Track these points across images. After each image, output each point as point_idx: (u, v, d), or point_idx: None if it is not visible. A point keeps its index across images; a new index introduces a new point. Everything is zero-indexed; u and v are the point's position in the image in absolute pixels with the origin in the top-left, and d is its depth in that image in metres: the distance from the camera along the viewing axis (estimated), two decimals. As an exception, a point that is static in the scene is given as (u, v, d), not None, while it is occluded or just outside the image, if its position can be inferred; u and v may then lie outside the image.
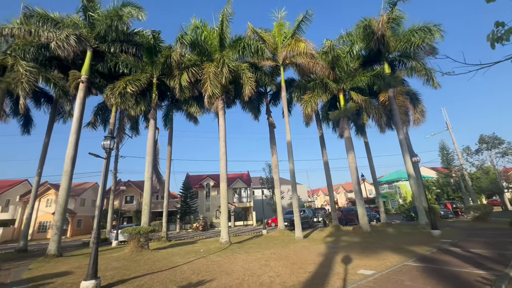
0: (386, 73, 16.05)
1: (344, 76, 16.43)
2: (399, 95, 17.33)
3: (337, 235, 14.37)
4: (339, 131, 17.58)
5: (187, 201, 32.02)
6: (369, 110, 15.94)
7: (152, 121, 14.44)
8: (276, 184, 18.06)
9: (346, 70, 16.41)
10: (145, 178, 13.41)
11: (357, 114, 17.20)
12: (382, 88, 16.67)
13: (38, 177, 16.28)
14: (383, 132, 17.96)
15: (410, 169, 15.74)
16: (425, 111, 19.66)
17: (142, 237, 11.86)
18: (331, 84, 15.87)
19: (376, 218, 21.35)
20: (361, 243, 11.46)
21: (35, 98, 18.14)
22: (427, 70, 17.17)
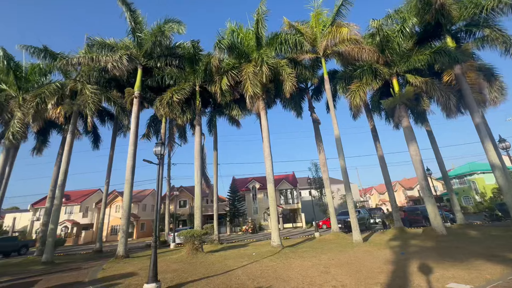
0: (450, 48, 13.64)
1: (396, 59, 14.53)
2: (469, 72, 14.56)
3: (403, 239, 12.60)
4: (394, 121, 15.60)
5: (235, 204, 32.65)
6: (432, 93, 13.70)
7: (197, 127, 14.95)
8: (326, 184, 16.91)
9: (399, 51, 14.46)
10: (195, 183, 13.87)
11: (415, 99, 14.98)
12: (447, 65, 14.23)
13: (107, 186, 18.38)
14: (452, 117, 15.25)
15: (494, 158, 12.94)
16: (504, 87, 16.15)
17: (196, 240, 12.19)
18: (381, 69, 14.18)
19: (450, 219, 18.27)
20: (437, 248, 9.71)
21: (100, 117, 20.66)
22: (506, 37, 14.06)
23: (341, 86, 16.62)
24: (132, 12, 15.28)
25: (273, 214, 13.04)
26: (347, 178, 13.33)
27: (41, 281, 8.60)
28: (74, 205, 36.78)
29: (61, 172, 14.33)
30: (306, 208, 38.13)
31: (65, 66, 14.62)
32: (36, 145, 20.43)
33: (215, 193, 17.62)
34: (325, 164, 17.33)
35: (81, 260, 13.76)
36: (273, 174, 13.55)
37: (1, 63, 14.90)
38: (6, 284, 8.50)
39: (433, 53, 13.25)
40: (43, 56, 15.83)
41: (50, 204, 15.95)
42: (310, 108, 19.01)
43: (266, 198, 36.38)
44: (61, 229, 33.90)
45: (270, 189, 13.28)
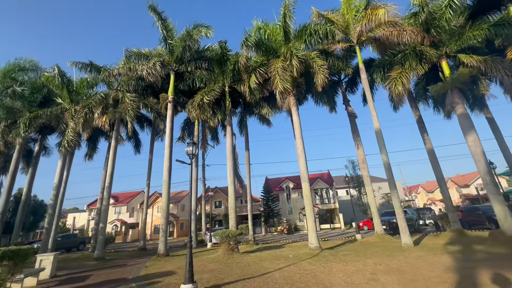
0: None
1: (445, 38, 12.77)
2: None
3: (463, 243, 10.93)
4: (446, 109, 13.71)
5: (269, 204, 32.33)
6: (493, 73, 11.68)
7: (228, 128, 14.98)
8: (366, 181, 15.64)
9: (447, 29, 12.71)
10: (228, 183, 13.88)
11: (471, 82, 12.95)
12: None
13: (147, 188, 19.51)
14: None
15: None
16: None
17: (231, 240, 12.12)
18: (428, 51, 12.55)
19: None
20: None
21: (139, 123, 22.10)
22: None
23: (379, 75, 15.21)
24: (163, 20, 15.96)
25: (310, 214, 12.38)
26: (391, 175, 12.06)
27: (92, 276, 9.27)
28: (122, 205, 40.14)
29: (108, 175, 15.54)
30: (344, 208, 36.15)
31: (107, 77, 15.86)
32: (88, 151, 22.64)
33: (249, 193, 17.51)
34: (365, 160, 16.04)
35: (127, 257, 14.71)
36: (308, 172, 12.88)
37: (56, 80, 16.71)
38: (65, 277, 9.34)
39: (493, 26, 11.33)
40: (89, 70, 17.40)
41: (100, 205, 17.43)
42: (345, 101, 17.84)
43: (301, 198, 35.41)
44: (112, 227, 37.23)
45: (305, 188, 12.65)
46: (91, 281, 8.35)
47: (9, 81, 18.69)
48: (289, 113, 18.41)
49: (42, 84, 19.07)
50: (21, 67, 19.42)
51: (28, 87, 18.81)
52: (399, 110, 18.35)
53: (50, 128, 19.93)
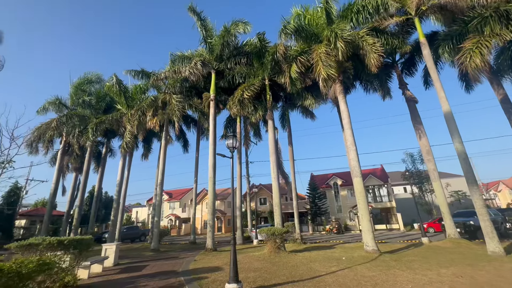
0: None
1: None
2: None
3: None
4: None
5: (316, 202, 30.84)
6: None
7: (270, 122, 14.48)
8: (433, 176, 13.37)
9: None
10: (272, 178, 13.39)
11: None
12: None
13: (195, 184, 20.38)
14: None
15: None
16: None
17: (277, 238, 11.62)
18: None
19: None
20: None
21: (186, 123, 23.28)
22: None
23: (445, 49, 12.74)
24: (202, 20, 16.29)
25: (364, 213, 11.05)
26: (470, 166, 9.90)
27: (147, 266, 9.84)
28: (175, 201, 43.41)
29: (159, 173, 16.65)
30: (403, 207, 32.33)
31: (156, 81, 16.94)
32: (143, 152, 24.87)
33: (294, 189, 16.75)
34: (430, 151, 13.72)
35: (179, 250, 15.51)
36: (360, 166, 11.53)
37: (115, 88, 18.62)
38: (125, 266, 10.14)
39: None
40: (141, 76, 18.96)
41: (155, 200, 18.84)
42: (401, 85, 15.61)
43: (351, 196, 32.95)
44: (167, 221, 40.56)
45: (357, 184, 11.34)
46: (146, 271, 8.82)
47: (80, 93, 21.66)
48: (334, 103, 17.01)
49: (105, 93, 21.57)
50: (88, 80, 22.33)
51: (94, 97, 21.48)
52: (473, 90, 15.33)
53: (113, 132, 22.47)
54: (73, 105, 21.82)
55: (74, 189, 23.45)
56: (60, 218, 27.90)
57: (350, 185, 33.29)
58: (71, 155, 24.30)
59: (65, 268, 5.44)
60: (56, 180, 20.82)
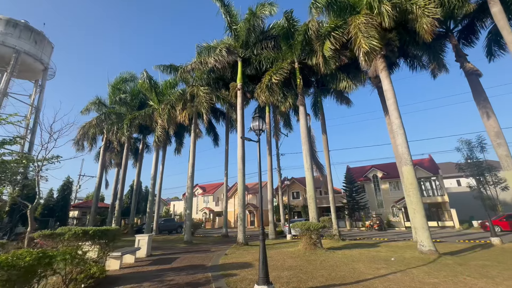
0: None
1: None
2: None
3: None
4: None
5: (353, 196, 28.72)
6: None
7: (301, 108, 13.30)
8: (505, 163, 10.93)
9: None
10: (305, 169, 12.29)
11: None
12: None
13: (226, 177, 20.14)
14: None
15: None
16: None
17: (313, 234, 10.60)
18: None
19: None
20: None
21: (214, 116, 23.11)
22: None
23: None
24: (226, 6, 15.61)
25: (418, 207, 9.41)
26: None
27: (178, 259, 9.63)
28: (209, 195, 44.48)
29: (190, 166, 16.64)
30: (456, 202, 28.43)
31: (183, 74, 16.82)
32: (176, 146, 25.46)
33: (329, 182, 15.38)
34: (500, 133, 11.26)
35: (211, 243, 15.36)
36: (410, 153, 9.83)
37: (145, 84, 19.10)
38: (157, 257, 10.10)
39: None
40: (169, 71, 19.10)
41: (187, 193, 19.04)
42: (459, 57, 13.10)
43: (393, 189, 30.06)
44: (202, 214, 41.77)
45: (407, 173, 9.69)
46: (176, 264, 8.55)
47: (117, 92, 22.79)
48: (374, 84, 15.15)
49: (138, 90, 22.38)
50: (123, 79, 23.37)
51: (129, 94, 22.41)
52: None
53: (148, 129, 23.32)
54: (111, 104, 23.10)
55: (117, 183, 25.04)
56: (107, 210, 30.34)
57: (392, 177, 30.34)
58: (112, 151, 25.95)
59: (88, 259, 5.21)
60: (99, 174, 22.36)
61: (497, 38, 13.93)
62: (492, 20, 13.58)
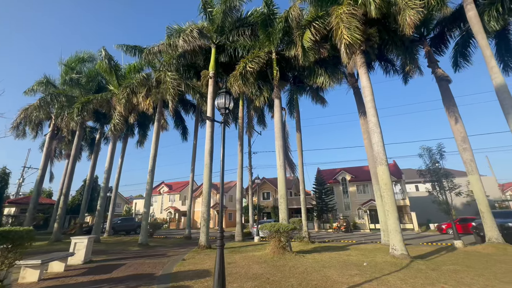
0: None
1: None
2: None
3: None
4: None
5: (323, 198, 28.84)
6: None
7: (276, 101, 12.43)
8: (469, 168, 11.21)
9: None
10: (277, 166, 11.41)
11: None
12: None
13: (192, 174, 18.57)
14: None
15: None
16: None
17: (282, 236, 9.71)
18: None
19: None
20: None
21: (184, 108, 21.41)
22: None
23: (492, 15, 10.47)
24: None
25: (391, 208, 9.03)
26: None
27: (122, 266, 8.02)
28: (175, 194, 41.91)
29: (151, 158, 14.84)
30: (415, 206, 30.15)
31: (148, 55, 15.00)
32: (139, 139, 23.13)
33: (302, 182, 14.75)
34: (466, 139, 11.56)
35: (170, 245, 13.76)
36: (385, 153, 9.46)
37: (104, 64, 16.78)
38: (97, 264, 8.37)
39: None
40: (134, 53, 17.03)
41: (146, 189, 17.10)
42: (431, 62, 13.39)
43: (360, 192, 30.84)
44: (167, 214, 39.13)
45: (382, 173, 9.30)
46: (117, 274, 6.99)
47: (71, 72, 19.86)
48: (350, 84, 14.92)
49: (96, 72, 19.73)
50: (80, 58, 20.48)
51: (85, 76, 19.67)
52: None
53: (106, 117, 20.71)
54: (63, 85, 20.09)
55: (66, 176, 21.90)
56: (53, 207, 26.57)
57: (360, 180, 31.17)
58: (61, 140, 22.73)
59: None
60: (43, 165, 19.23)
61: (463, 50, 14.54)
62: (460, 32, 14.19)
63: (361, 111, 14.26)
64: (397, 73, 16.42)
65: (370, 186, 30.65)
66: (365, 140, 13.73)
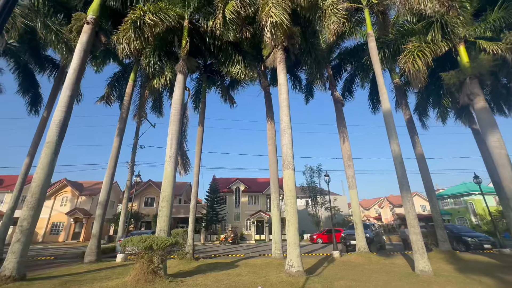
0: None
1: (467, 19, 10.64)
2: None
3: (486, 271, 8.18)
4: (461, 101, 11.36)
5: (214, 207, 27.03)
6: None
7: (180, 77, 9.68)
8: (350, 183, 12.34)
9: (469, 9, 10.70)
10: (166, 158, 8.50)
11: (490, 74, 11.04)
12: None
13: (28, 159, 12.26)
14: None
15: None
16: None
17: (155, 255, 6.81)
18: (456, 26, 10.10)
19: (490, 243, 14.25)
20: None
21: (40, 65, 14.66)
22: None
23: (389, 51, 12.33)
24: None
25: (293, 218, 8.08)
26: (405, 171, 8.79)
27: None
28: (6, 192, 28.78)
29: None
30: (294, 218, 33.49)
31: None
32: None
33: (195, 183, 12.18)
34: (350, 157, 12.81)
35: None
36: (293, 156, 8.66)
37: None
38: None
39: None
40: None
41: None
42: (332, 85, 14.68)
43: (251, 203, 31.25)
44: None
45: (287, 178, 8.33)
46: None
47: None
48: (263, 87, 14.26)
49: None
50: None
51: None
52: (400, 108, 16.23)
53: None
54: None
55: None
56: None
57: (253, 191, 31.72)
58: None
59: None
60: None
61: (349, 85, 17.00)
62: (352, 67, 16.59)
63: (269, 116, 13.71)
64: (301, 91, 17.47)
65: (260, 197, 31.68)
66: (270, 146, 13.09)
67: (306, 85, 17.36)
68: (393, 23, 12.92)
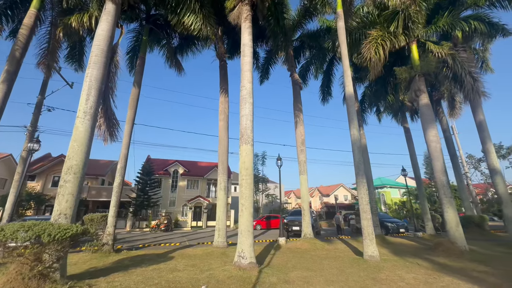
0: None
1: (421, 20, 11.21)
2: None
3: (413, 253, 8.80)
4: (409, 97, 12.08)
5: (146, 190, 23.74)
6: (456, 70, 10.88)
7: (110, 6, 6.94)
8: (302, 168, 11.93)
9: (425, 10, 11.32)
10: (79, 113, 5.89)
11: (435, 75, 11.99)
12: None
13: None
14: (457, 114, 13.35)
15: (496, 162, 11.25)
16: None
17: (48, 251, 4.56)
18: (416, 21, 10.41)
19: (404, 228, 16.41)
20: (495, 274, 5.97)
21: None
22: None
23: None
24: None
25: (248, 201, 6.84)
26: (361, 156, 8.62)
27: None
28: None
29: None
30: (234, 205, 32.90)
31: None
32: None
33: (123, 156, 9.55)
34: (304, 141, 12.38)
35: None
36: (253, 129, 7.35)
37: None
38: None
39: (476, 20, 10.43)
40: None
41: None
42: (292, 66, 13.94)
43: (190, 188, 29.02)
44: None
45: (245, 154, 7.00)
46: None
47: None
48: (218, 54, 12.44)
49: None
50: None
51: None
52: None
53: None
54: None
55: None
56: None
57: (192, 175, 29.43)
58: None
59: None
60: None
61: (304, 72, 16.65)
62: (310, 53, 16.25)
63: (223, 88, 12.04)
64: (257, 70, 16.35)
65: (201, 182, 29.70)
66: (221, 121, 11.49)
67: (263, 64, 16.30)
68: (355, 12, 12.74)
